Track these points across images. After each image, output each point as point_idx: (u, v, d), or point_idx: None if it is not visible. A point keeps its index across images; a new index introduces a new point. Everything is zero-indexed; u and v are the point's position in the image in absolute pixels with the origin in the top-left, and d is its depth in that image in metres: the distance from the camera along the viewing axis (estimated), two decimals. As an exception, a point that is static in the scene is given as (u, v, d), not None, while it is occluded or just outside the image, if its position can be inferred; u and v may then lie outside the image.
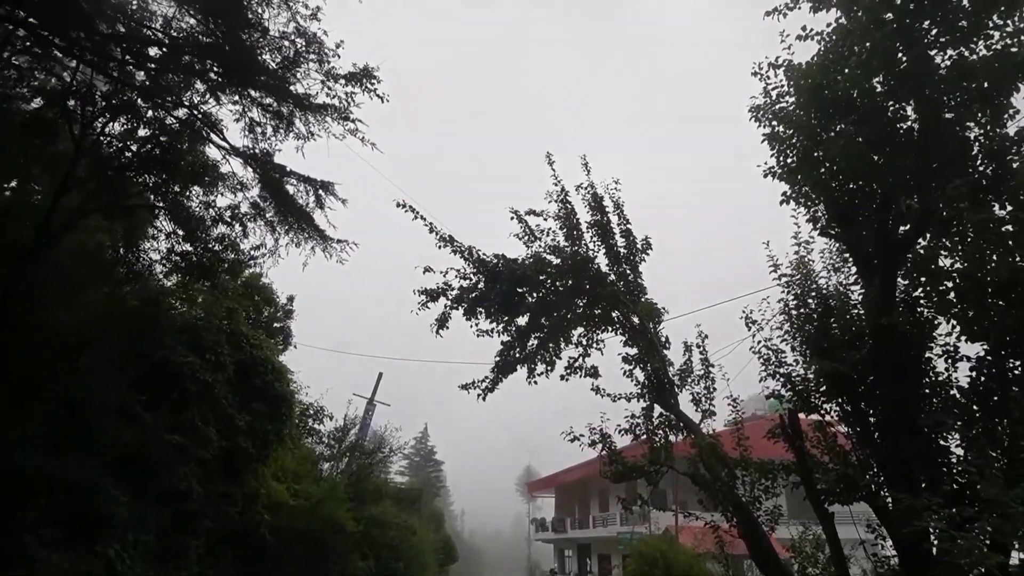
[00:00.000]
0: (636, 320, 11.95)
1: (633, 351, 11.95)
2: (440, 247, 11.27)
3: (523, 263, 11.53)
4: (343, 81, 8.92)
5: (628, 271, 12.20)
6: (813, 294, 8.97)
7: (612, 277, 12.23)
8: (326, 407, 26.14)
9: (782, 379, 9.32)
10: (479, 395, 12.62)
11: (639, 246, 12.25)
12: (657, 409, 11.54)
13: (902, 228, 7.52)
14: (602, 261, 12.22)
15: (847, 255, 9.02)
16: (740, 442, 10.06)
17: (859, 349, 8.06)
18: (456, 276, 11.55)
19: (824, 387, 8.66)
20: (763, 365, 9.49)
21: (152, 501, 9.97)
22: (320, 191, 9.89)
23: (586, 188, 12.31)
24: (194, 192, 9.94)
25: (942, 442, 7.46)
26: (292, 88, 8.71)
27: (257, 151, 9.40)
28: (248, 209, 10.14)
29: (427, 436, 70.21)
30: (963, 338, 7.34)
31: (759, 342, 9.60)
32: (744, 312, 9.75)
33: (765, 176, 8.61)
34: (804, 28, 8.19)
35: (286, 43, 8.33)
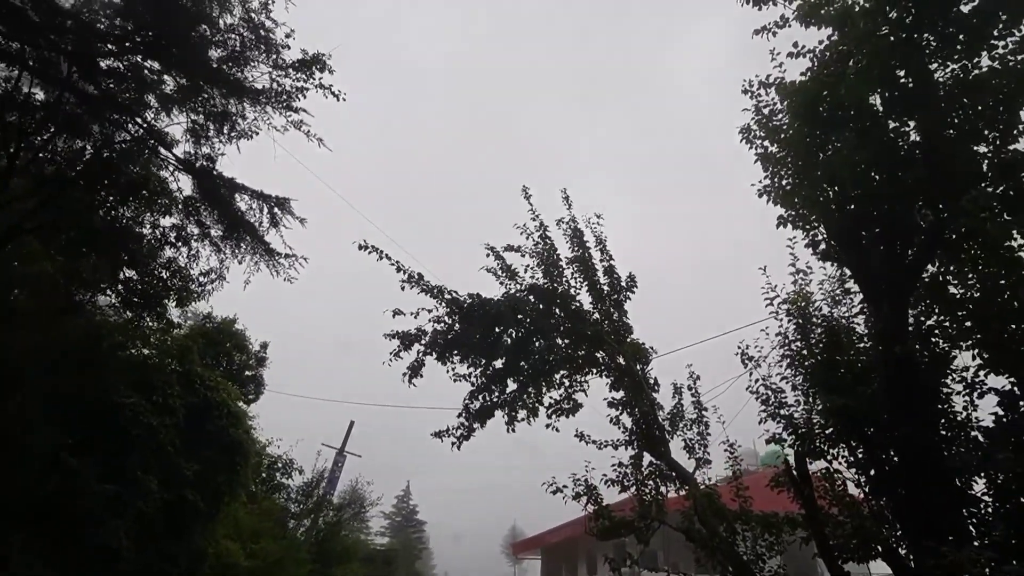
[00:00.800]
0: (622, 361, 11.17)
1: (619, 395, 11.10)
2: (408, 287, 10.51)
3: (499, 302, 10.79)
4: (291, 71, 8.32)
5: (612, 310, 11.51)
6: (815, 326, 8.25)
7: (596, 316, 11.52)
8: (296, 460, 24.63)
9: (783, 421, 8.48)
10: (453, 443, 11.65)
11: (623, 283, 11.59)
12: (647, 457, 10.60)
13: (911, 252, 6.91)
14: (585, 300, 11.58)
15: (848, 285, 8.39)
16: (739, 492, 9.10)
17: (868, 385, 7.30)
18: (429, 320, 10.78)
19: (830, 428, 7.84)
20: (762, 405, 8.66)
21: (74, 562, 8.70)
22: (275, 208, 9.14)
23: (567, 222, 11.75)
24: (139, 211, 9.13)
25: (969, 490, 6.62)
26: (234, 78, 8.06)
27: (200, 156, 8.69)
28: (194, 227, 9.32)
29: (409, 495, 67.22)
30: (985, 370, 6.63)
31: (757, 380, 8.80)
32: (740, 347, 9.00)
33: (760, 196, 8.05)
34: (796, 45, 7.83)
35: (232, 36, 7.76)
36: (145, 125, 8.30)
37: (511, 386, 11.97)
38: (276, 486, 26.23)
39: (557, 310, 11.24)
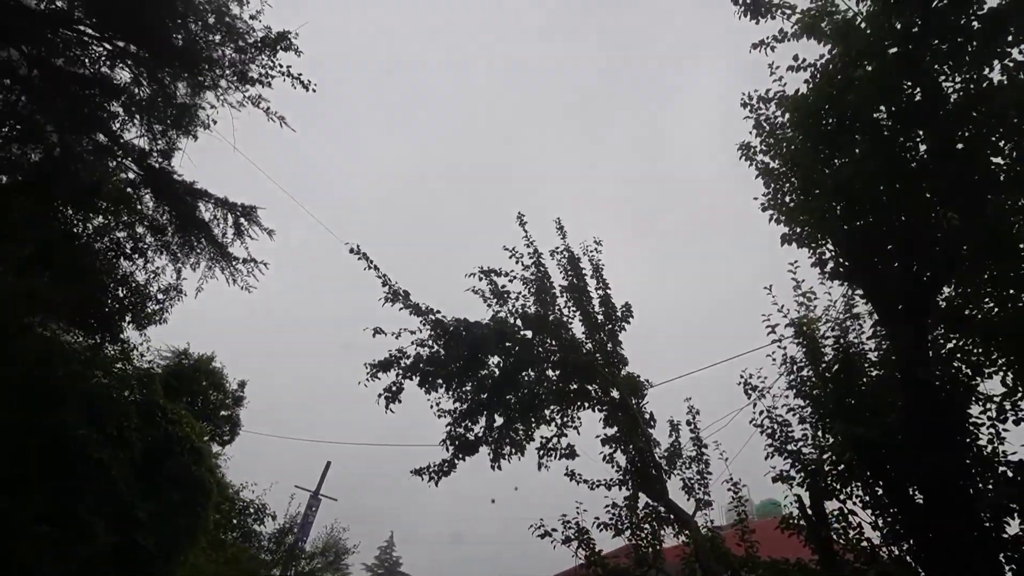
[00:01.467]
0: (616, 395, 10.51)
1: (613, 430, 10.42)
2: (390, 303, 9.88)
3: (485, 325, 10.18)
4: (254, 50, 7.86)
5: (606, 340, 10.91)
6: (824, 351, 7.68)
7: (589, 346, 10.91)
8: (268, 505, 23.26)
9: (790, 456, 7.80)
10: (431, 479, 10.82)
11: (619, 313, 11.04)
12: (643, 498, 9.83)
13: (928, 268, 6.41)
14: (578, 329, 11.00)
15: (857, 309, 7.87)
16: (744, 536, 8.32)
17: (885, 414, 6.68)
18: (412, 343, 10.14)
19: (843, 464, 7.18)
20: (768, 439, 8.00)
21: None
22: (241, 217, 8.56)
23: (561, 252, 11.28)
24: (95, 220, 8.52)
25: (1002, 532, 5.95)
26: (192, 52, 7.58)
27: (156, 152, 8.14)
28: (150, 236, 8.67)
29: (392, 546, 64.28)
30: (1014, 397, 6.06)
31: (761, 412, 8.15)
32: (743, 376, 8.38)
33: (764, 210, 7.59)
34: (796, 58, 7.52)
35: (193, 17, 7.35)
36: (105, 130, 7.80)
37: (497, 420, 11.30)
38: (248, 533, 24.75)
39: (549, 339, 10.63)
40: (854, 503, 7.35)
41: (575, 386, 10.73)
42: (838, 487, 7.44)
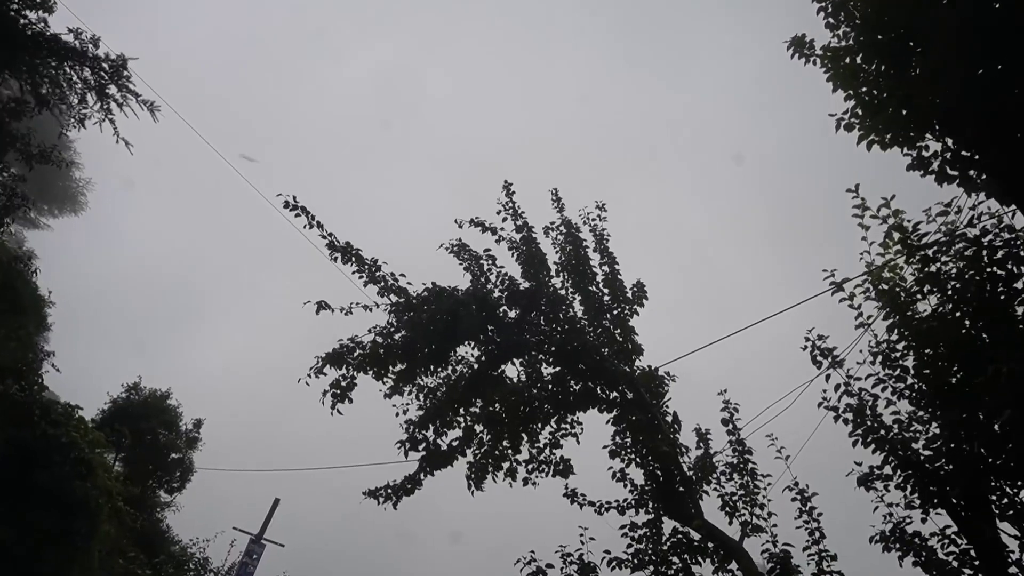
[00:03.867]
0: (629, 394, 8.22)
1: (624, 439, 8.08)
2: (338, 260, 7.71)
3: (465, 291, 8.01)
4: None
5: (613, 327, 8.71)
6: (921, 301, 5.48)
7: (592, 333, 8.71)
8: (210, 559, 20.00)
9: (886, 448, 5.51)
10: (386, 500, 8.37)
11: (630, 294, 8.88)
12: (668, 522, 7.39)
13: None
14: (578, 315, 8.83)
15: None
16: (823, 562, 5.86)
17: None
18: (370, 331, 7.89)
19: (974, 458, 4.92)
20: (850, 426, 5.71)
21: None
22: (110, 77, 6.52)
23: (557, 227, 9.18)
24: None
25: None
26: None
27: None
28: None
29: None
30: None
31: (838, 388, 5.89)
32: (809, 339, 6.15)
33: (838, 129, 5.57)
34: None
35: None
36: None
37: (481, 434, 8.96)
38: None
39: (542, 320, 8.41)
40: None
41: (577, 386, 8.40)
42: (957, 498, 5.17)
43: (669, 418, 8.02)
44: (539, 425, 8.81)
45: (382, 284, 7.77)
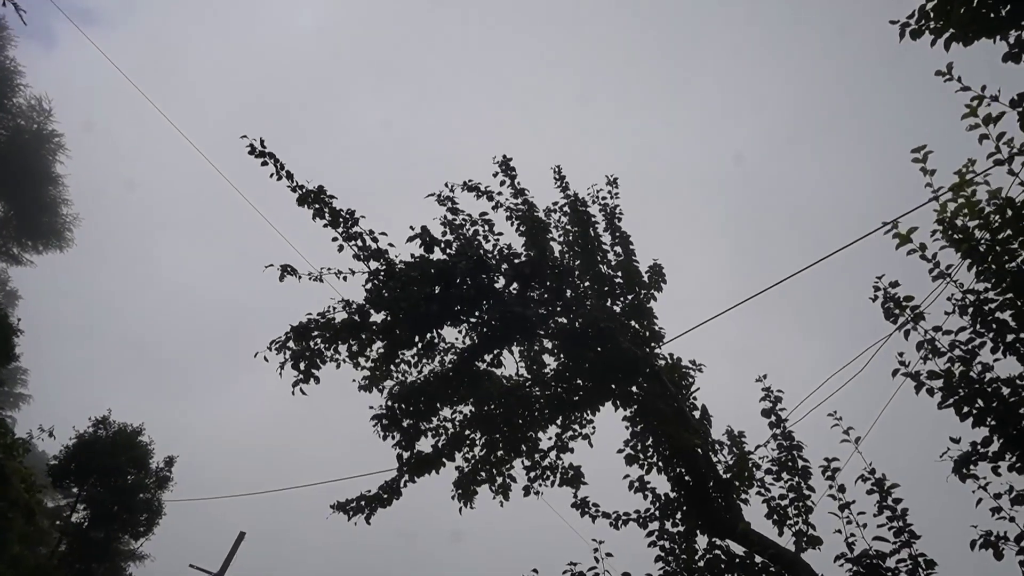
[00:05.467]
0: (647, 384, 6.94)
1: (647, 441, 6.76)
2: (304, 206, 6.51)
3: (456, 252, 6.84)
4: None
5: (629, 311, 7.52)
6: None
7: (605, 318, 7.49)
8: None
9: (990, 420, 4.26)
10: (356, 514, 7.00)
11: (646, 277, 7.72)
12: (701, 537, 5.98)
13: None
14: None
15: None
16: (918, 572, 4.47)
17: None
18: (340, 303, 6.67)
19: None
20: (939, 395, 4.48)
21: None
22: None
23: (561, 207, 8.05)
24: None
25: None
26: None
27: None
28: None
29: None
30: None
31: (921, 348, 4.67)
32: (878, 288, 4.96)
33: (902, 31, 4.62)
34: None
35: None
36: None
37: (468, 433, 7.72)
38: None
39: (547, 295, 7.19)
40: None
41: (587, 381, 7.13)
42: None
43: (697, 413, 6.73)
44: (540, 432, 7.55)
45: (359, 246, 6.60)
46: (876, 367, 5.30)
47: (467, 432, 7.52)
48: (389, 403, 6.75)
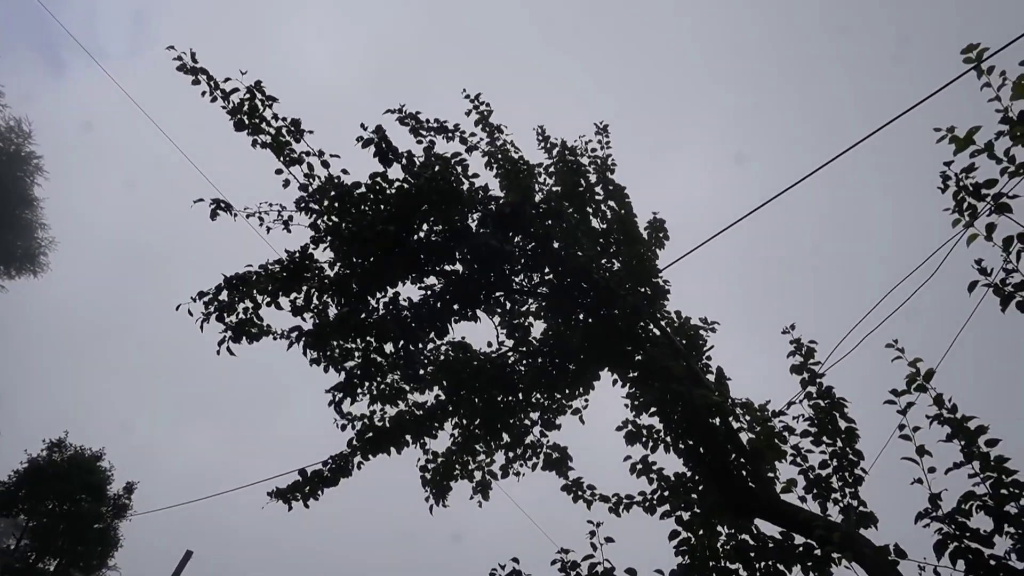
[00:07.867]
0: (655, 331, 5.77)
1: (652, 416, 5.56)
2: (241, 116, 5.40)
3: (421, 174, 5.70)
4: None
5: (628, 263, 6.41)
6: None
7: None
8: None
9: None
10: (303, 499, 5.72)
11: (645, 233, 6.65)
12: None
13: None
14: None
15: None
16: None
17: None
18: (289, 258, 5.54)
19: None
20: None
21: None
22: None
23: (547, 168, 6.96)
24: None
25: None
26: None
27: None
28: None
29: None
30: None
31: (1015, 243, 3.61)
32: (950, 174, 3.91)
33: None
34: None
35: None
36: None
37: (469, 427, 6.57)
38: None
39: (532, 244, 6.07)
40: None
41: (584, 346, 5.93)
42: None
43: (712, 377, 5.59)
44: (524, 418, 6.38)
45: (306, 174, 5.51)
46: (934, 291, 4.20)
47: (438, 412, 6.33)
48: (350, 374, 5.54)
